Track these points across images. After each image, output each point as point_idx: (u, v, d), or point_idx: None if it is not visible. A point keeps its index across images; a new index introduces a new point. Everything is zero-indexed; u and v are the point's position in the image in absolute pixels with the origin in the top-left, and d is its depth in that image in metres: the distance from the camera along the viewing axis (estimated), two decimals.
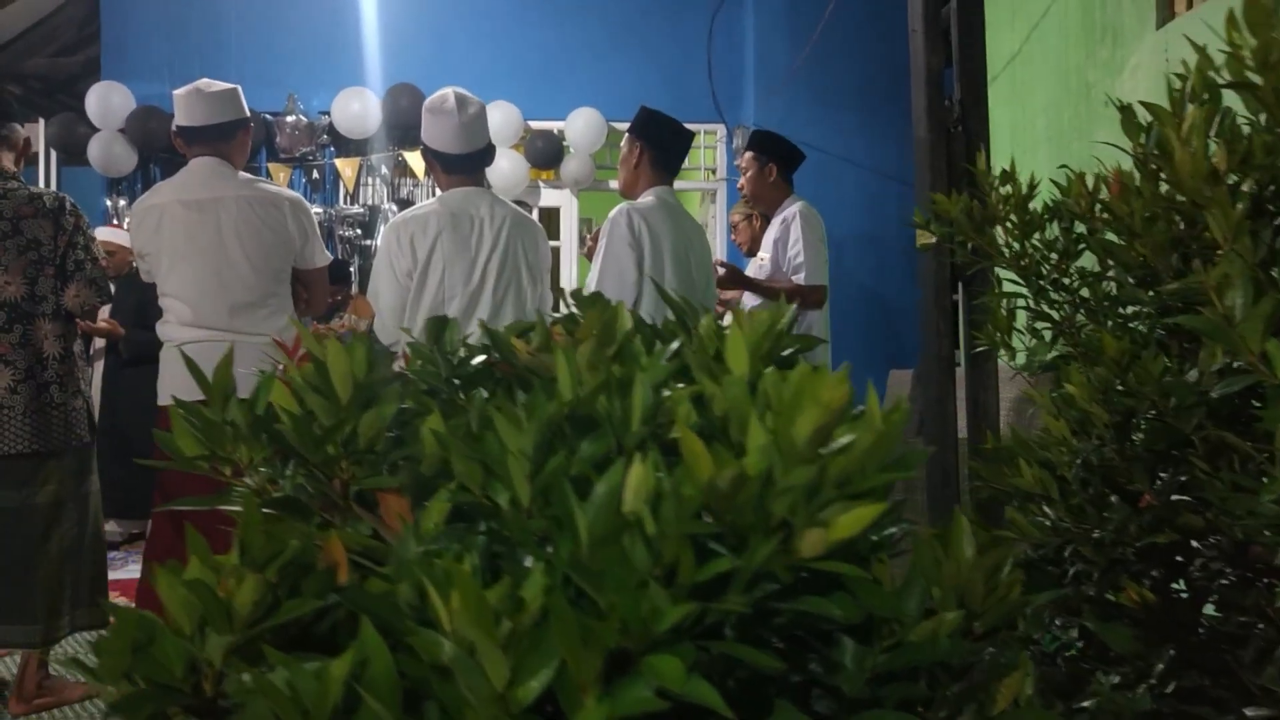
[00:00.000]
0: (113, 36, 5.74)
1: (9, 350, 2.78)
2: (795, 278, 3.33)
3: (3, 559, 2.82)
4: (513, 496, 0.55)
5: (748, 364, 0.60)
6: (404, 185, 5.95)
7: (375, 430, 0.63)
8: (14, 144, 2.91)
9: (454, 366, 0.83)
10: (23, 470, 2.81)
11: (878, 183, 5.73)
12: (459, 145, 2.62)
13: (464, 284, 2.57)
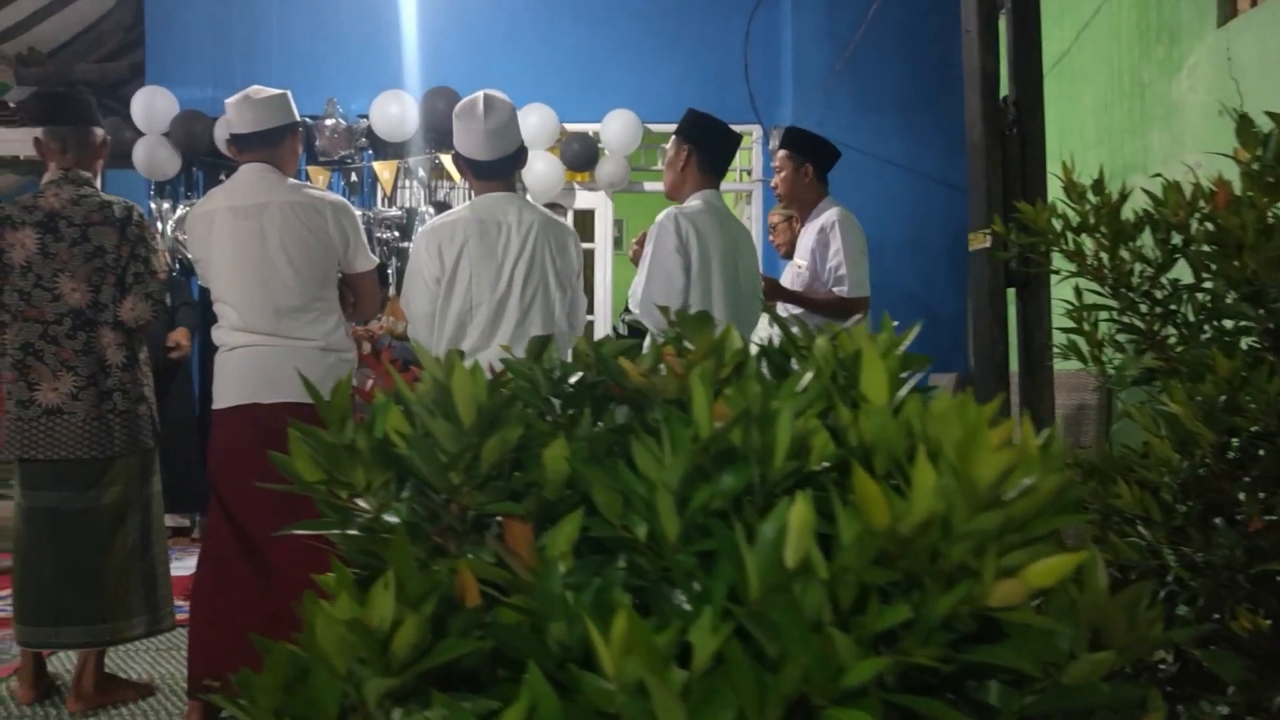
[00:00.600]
0: (157, 42, 5.81)
1: (72, 356, 2.81)
2: (837, 289, 3.26)
3: (67, 561, 2.85)
4: (652, 530, 0.54)
5: (887, 390, 0.58)
6: (441, 188, 5.98)
7: (499, 456, 0.61)
8: (91, 146, 2.94)
9: (555, 384, 0.81)
10: (88, 473, 2.85)
11: (920, 185, 5.68)
12: (486, 152, 2.62)
13: (490, 290, 2.57)
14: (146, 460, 2.97)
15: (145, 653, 3.48)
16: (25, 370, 2.82)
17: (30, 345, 2.82)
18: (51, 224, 2.82)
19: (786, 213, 4.64)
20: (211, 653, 2.72)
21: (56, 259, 2.82)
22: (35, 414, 2.81)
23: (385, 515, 0.66)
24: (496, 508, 0.61)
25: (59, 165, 2.92)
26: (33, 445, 2.82)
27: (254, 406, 2.68)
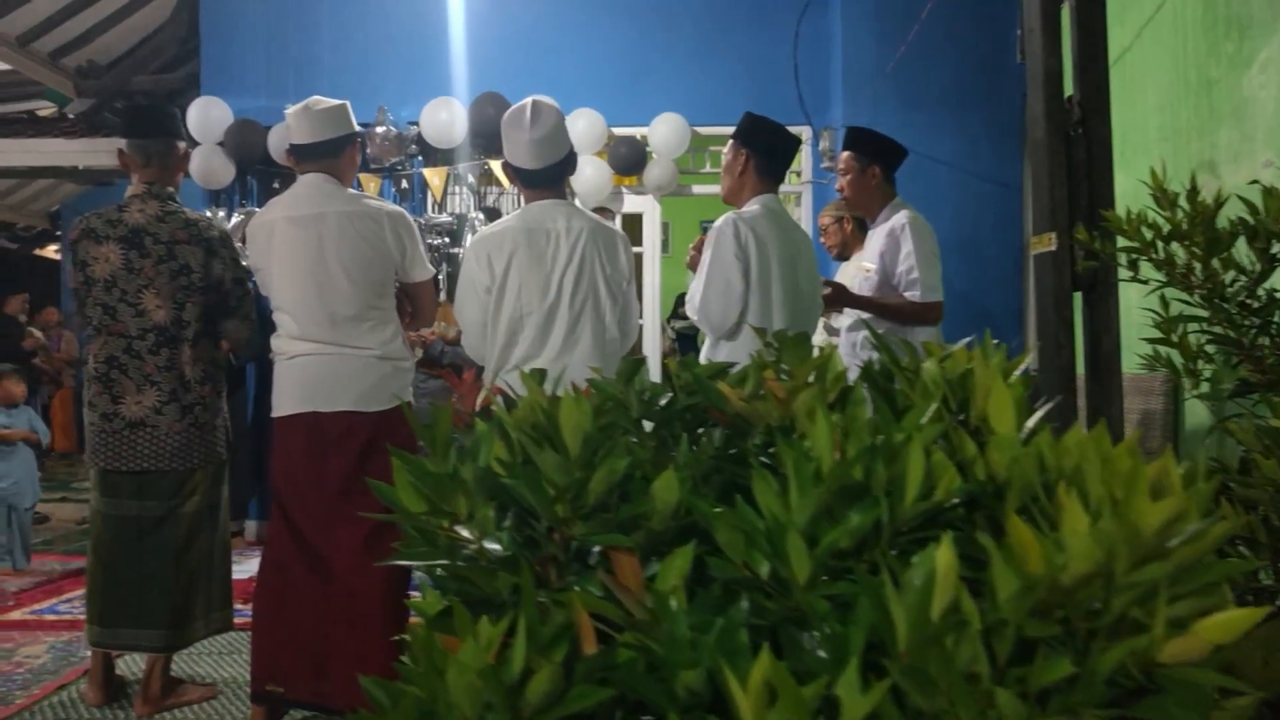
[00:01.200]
0: (212, 53, 5.90)
1: (155, 371, 2.87)
2: (909, 294, 3.18)
3: (144, 565, 2.91)
4: (774, 569, 0.52)
5: (1014, 419, 0.56)
6: (490, 193, 6.00)
7: (606, 487, 0.60)
8: (174, 161, 2.99)
9: (645, 406, 0.80)
10: (169, 485, 2.90)
11: (971, 184, 5.59)
12: (533, 160, 2.60)
13: (540, 299, 2.56)
14: (219, 470, 3.03)
15: (208, 655, 3.54)
16: (109, 383, 2.87)
17: (115, 359, 2.87)
18: (137, 240, 2.87)
19: (838, 214, 4.58)
20: (274, 657, 2.75)
21: (141, 275, 2.86)
22: (119, 426, 2.87)
23: (486, 543, 0.65)
24: (604, 540, 0.60)
25: (141, 179, 2.96)
26: (116, 457, 2.88)
27: (314, 415, 2.71)
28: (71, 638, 3.77)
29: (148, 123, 3.00)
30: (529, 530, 0.66)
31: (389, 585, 2.74)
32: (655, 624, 0.54)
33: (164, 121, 3.02)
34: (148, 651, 2.96)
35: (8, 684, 3.25)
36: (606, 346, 2.61)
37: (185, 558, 2.94)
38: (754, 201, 2.80)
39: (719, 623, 0.50)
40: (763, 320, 2.68)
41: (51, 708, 3.05)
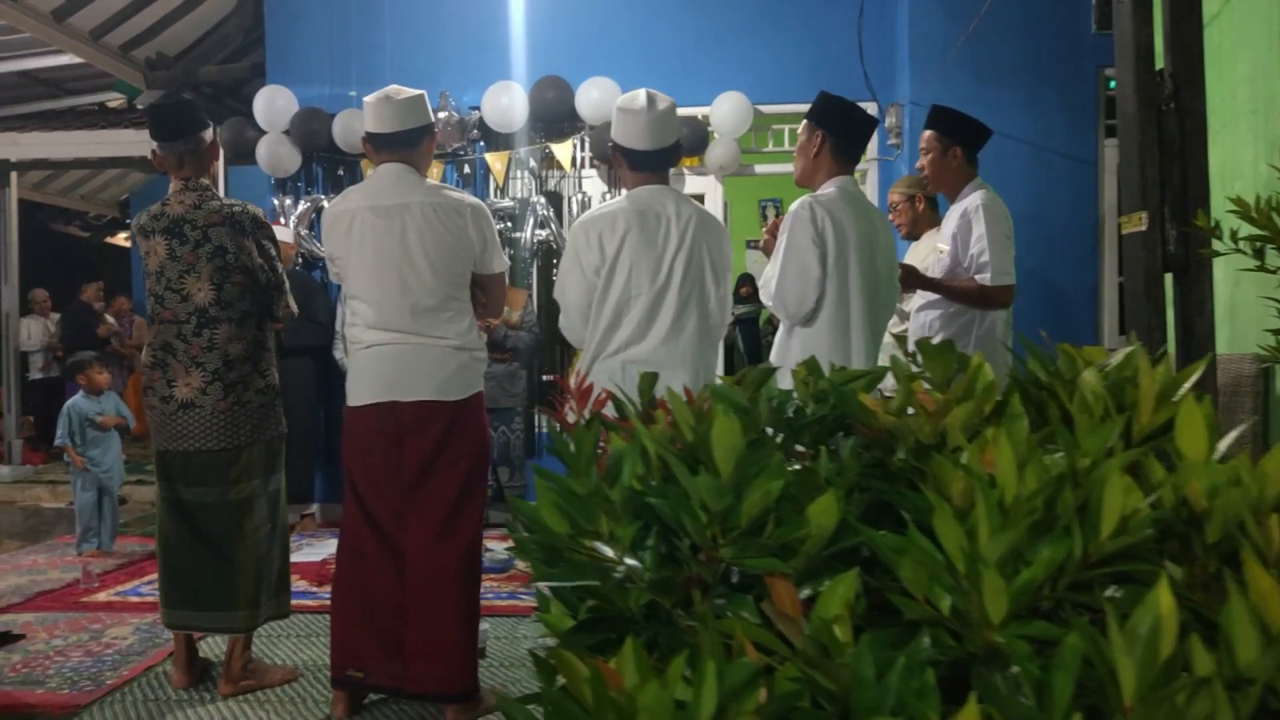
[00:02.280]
0: (277, 42, 5.97)
1: (199, 353, 2.93)
2: (979, 276, 3.11)
3: (205, 551, 2.98)
4: (954, 604, 0.49)
5: (1206, 443, 0.53)
6: (551, 177, 5.99)
7: (760, 510, 0.58)
8: (202, 152, 3.04)
9: (777, 416, 0.77)
10: (218, 467, 2.96)
11: (1043, 159, 5.44)
12: (647, 141, 2.61)
13: (650, 281, 2.56)
14: (272, 454, 3.07)
15: (288, 639, 3.61)
16: (165, 368, 2.95)
17: (168, 344, 2.95)
18: (178, 229, 2.94)
19: (909, 191, 4.48)
20: (353, 642, 2.80)
21: (182, 261, 2.93)
22: (174, 409, 2.94)
23: (629, 561, 0.64)
24: (759, 564, 0.58)
25: (179, 175, 3.02)
26: (172, 438, 2.96)
27: (392, 404, 2.73)
28: (155, 619, 3.84)
29: (171, 125, 3.03)
30: (671, 547, 0.64)
31: (462, 570, 2.77)
32: (821, 656, 0.51)
33: (185, 119, 3.04)
34: (215, 633, 3.05)
35: (98, 664, 3.35)
36: (711, 332, 2.62)
37: (241, 543, 2.99)
38: (830, 184, 2.74)
39: (900, 660, 0.48)
40: (840, 307, 2.63)
41: (140, 688, 3.13)
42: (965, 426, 0.62)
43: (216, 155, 3.13)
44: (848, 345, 2.64)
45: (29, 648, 3.54)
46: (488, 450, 2.89)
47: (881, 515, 0.70)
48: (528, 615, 3.80)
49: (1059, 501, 0.50)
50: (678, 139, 2.68)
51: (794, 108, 5.94)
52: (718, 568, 0.62)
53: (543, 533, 0.63)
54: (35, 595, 4.31)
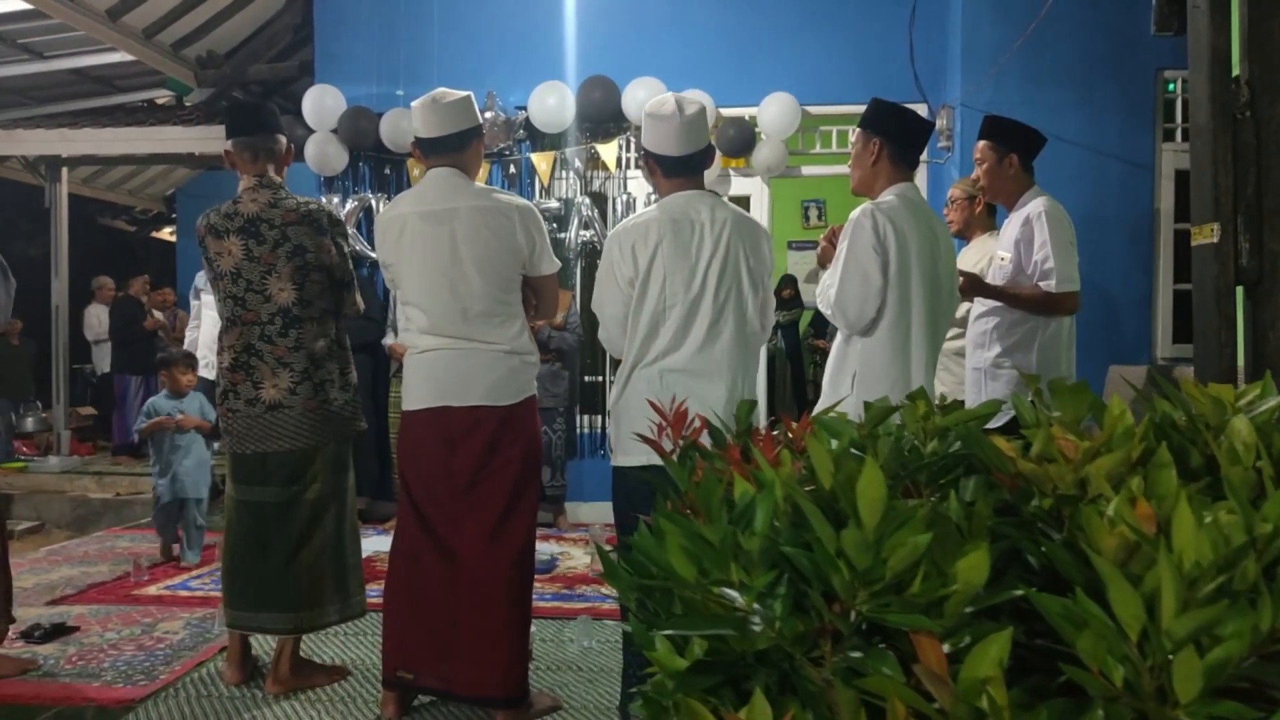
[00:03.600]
0: (325, 42, 6.01)
1: (286, 354, 2.93)
2: (1044, 284, 3.08)
3: (270, 551, 2.99)
4: (1127, 678, 0.47)
5: None
6: (596, 177, 5.98)
7: (906, 565, 0.55)
8: (278, 154, 3.05)
9: (897, 455, 0.75)
10: (294, 467, 2.97)
11: (1097, 163, 5.34)
12: (679, 146, 2.57)
13: (685, 290, 2.52)
14: (343, 454, 3.08)
15: (336, 637, 3.63)
16: (251, 370, 2.95)
17: (251, 346, 2.95)
18: (254, 229, 2.94)
19: (972, 192, 4.41)
20: (405, 644, 2.80)
21: (262, 261, 2.93)
22: (260, 410, 2.95)
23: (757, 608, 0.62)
24: (905, 621, 0.55)
25: (251, 173, 3.03)
26: (257, 440, 2.96)
27: (444, 409, 2.73)
28: (205, 614, 3.91)
29: (251, 120, 3.07)
30: (800, 594, 0.62)
31: (513, 571, 2.76)
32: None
33: (265, 118, 3.08)
34: (275, 634, 3.06)
35: (150, 659, 3.39)
36: (749, 340, 2.57)
37: (309, 543, 3.01)
38: (889, 191, 2.69)
39: None
40: (901, 316, 2.59)
41: (193, 684, 3.17)
42: (1110, 475, 0.60)
43: (288, 162, 3.12)
44: (907, 355, 2.60)
45: (83, 640, 3.59)
46: (539, 454, 2.88)
47: (1009, 563, 0.68)
48: (573, 618, 3.79)
49: (1240, 569, 0.47)
50: (709, 142, 2.65)
51: (843, 109, 5.89)
52: (852, 618, 0.60)
53: (669, 577, 0.62)
54: (87, 587, 4.37)
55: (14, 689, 3.08)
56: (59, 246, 8.01)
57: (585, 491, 5.99)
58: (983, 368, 3.27)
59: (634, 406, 2.55)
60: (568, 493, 5.87)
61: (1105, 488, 0.61)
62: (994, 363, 3.22)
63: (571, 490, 5.92)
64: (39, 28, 6.28)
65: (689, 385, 2.50)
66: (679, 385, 2.50)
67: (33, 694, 3.05)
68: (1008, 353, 3.20)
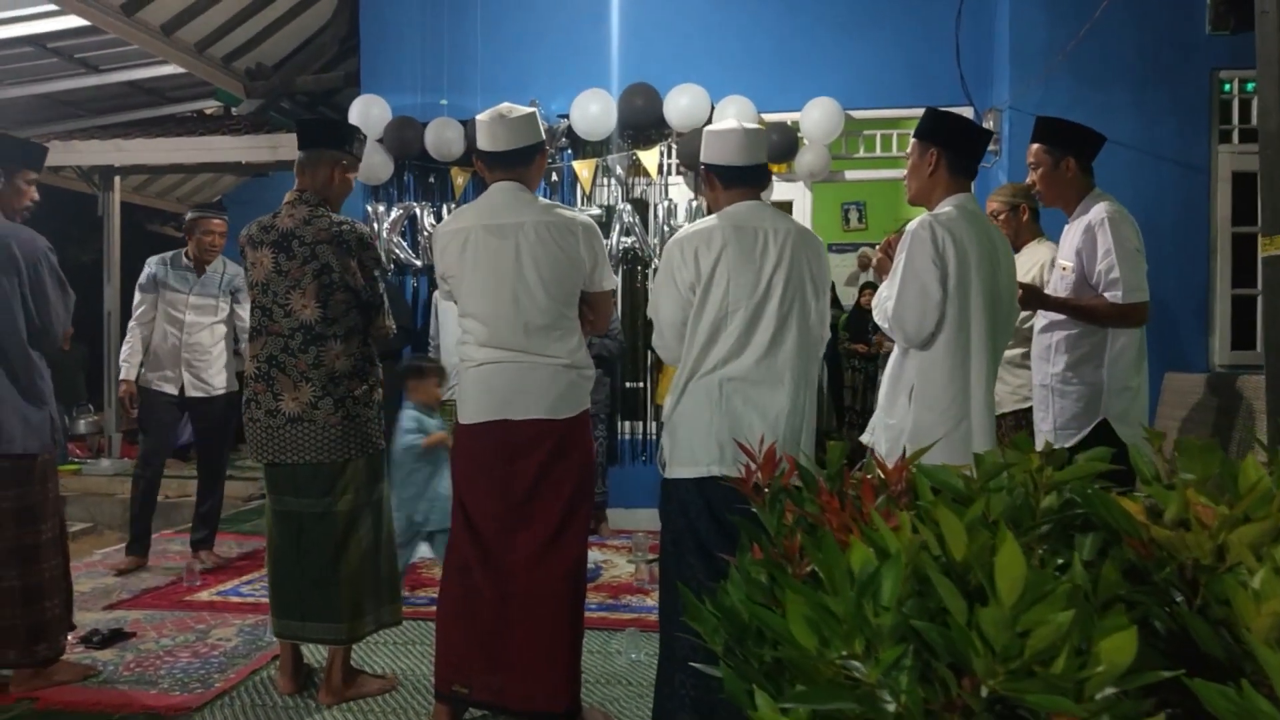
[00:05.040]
0: (371, 52, 6.06)
1: (306, 368, 2.96)
2: (1109, 295, 2.98)
3: (310, 561, 3.02)
4: None
5: None
6: (638, 184, 5.97)
7: (1046, 644, 0.54)
8: (320, 171, 3.07)
9: (1014, 511, 0.73)
10: (324, 478, 3.00)
11: (1151, 166, 5.23)
12: (741, 156, 2.58)
13: (748, 296, 2.51)
14: (374, 465, 3.10)
15: (386, 646, 3.65)
16: (271, 381, 2.99)
17: (274, 358, 2.98)
18: (285, 244, 2.97)
19: (1012, 200, 4.31)
20: (458, 657, 2.81)
21: (289, 276, 2.96)
22: (281, 422, 2.98)
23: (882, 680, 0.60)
24: (1047, 704, 0.53)
25: (297, 186, 3.07)
26: (280, 450, 2.99)
27: (503, 423, 2.73)
28: (257, 620, 3.96)
29: (302, 135, 3.12)
30: (927, 666, 0.60)
31: (565, 585, 2.76)
32: None
33: (314, 134, 3.10)
34: (321, 643, 3.08)
35: (205, 666, 3.43)
36: (811, 348, 2.56)
37: (345, 553, 3.03)
38: (947, 202, 2.65)
39: None
40: (960, 329, 2.55)
41: (247, 691, 3.20)
42: (1253, 545, 0.57)
43: (334, 180, 3.10)
44: (966, 370, 2.56)
45: (140, 646, 3.65)
46: (593, 468, 2.88)
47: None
48: (619, 629, 3.78)
49: None
50: (766, 160, 2.65)
51: (887, 113, 5.84)
52: (983, 694, 0.58)
53: (791, 647, 0.60)
54: (142, 593, 4.44)
55: (76, 695, 3.13)
56: (111, 253, 8.16)
57: (627, 498, 5.99)
58: (1049, 384, 3.16)
59: (690, 417, 2.53)
60: (610, 499, 5.87)
61: (1249, 558, 0.58)
62: (1062, 378, 3.10)
63: (613, 497, 5.92)
64: (95, 43, 6.41)
65: (749, 394, 2.48)
66: (739, 395, 2.48)
67: (93, 701, 3.10)
68: (1075, 367, 3.07)
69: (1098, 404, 3.04)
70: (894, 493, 0.85)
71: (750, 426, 2.46)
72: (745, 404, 2.48)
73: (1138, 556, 0.63)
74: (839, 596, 0.58)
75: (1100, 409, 3.04)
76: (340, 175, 3.10)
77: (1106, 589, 0.62)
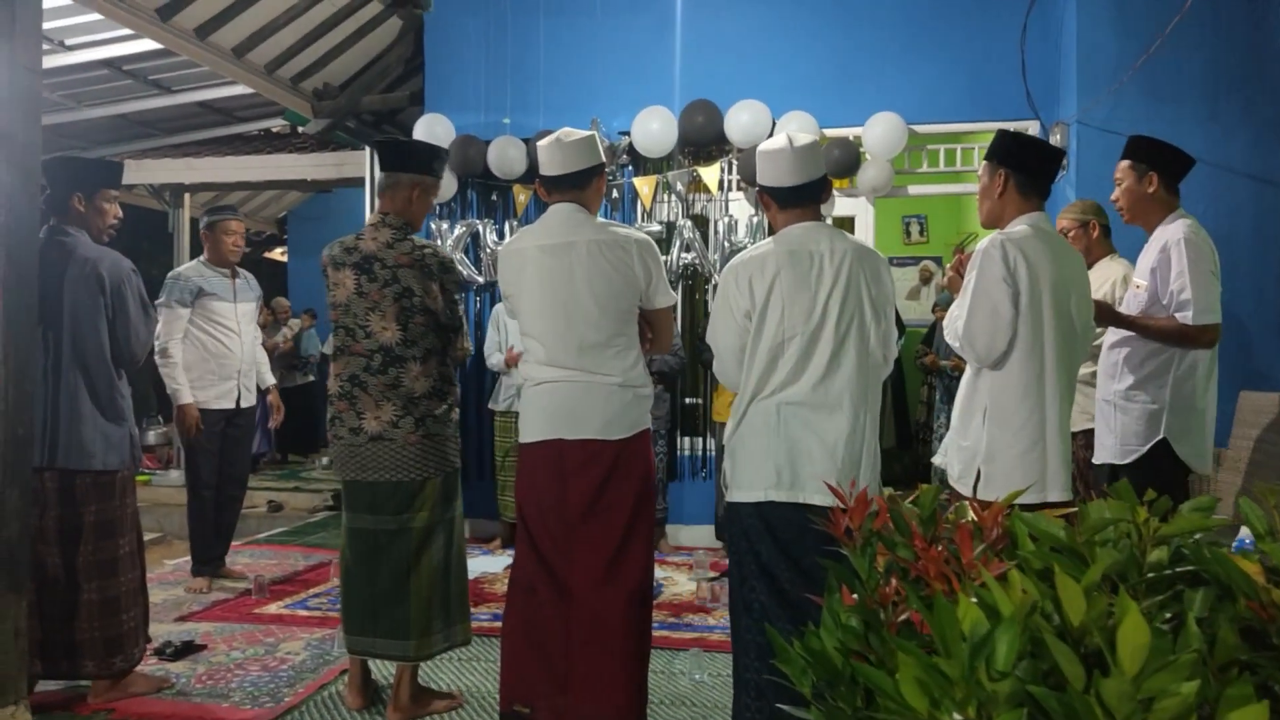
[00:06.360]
0: (436, 72, 6.16)
1: (385, 389, 3.01)
2: (1180, 315, 2.94)
3: (383, 578, 3.06)
4: None
5: None
6: (698, 200, 5.98)
7: (1171, 716, 0.52)
8: (400, 194, 3.12)
9: (1122, 565, 0.71)
10: (402, 496, 3.04)
11: (1223, 180, 5.10)
12: (793, 176, 2.53)
13: (804, 322, 2.47)
14: (450, 484, 3.14)
15: (451, 663, 3.69)
16: (354, 400, 3.04)
17: (356, 377, 3.04)
18: (367, 266, 3.03)
19: (1082, 217, 4.24)
20: (522, 677, 2.82)
21: (369, 298, 3.02)
22: (363, 440, 3.03)
23: None
24: None
25: (380, 208, 3.13)
26: (362, 468, 3.04)
27: (557, 442, 2.75)
28: (324, 635, 4.02)
29: (384, 157, 3.17)
30: None
31: (629, 608, 2.76)
32: None
33: (392, 155, 3.15)
34: (391, 660, 3.12)
35: (275, 680, 3.50)
36: (871, 371, 2.51)
37: (418, 571, 3.06)
38: (1020, 221, 2.61)
39: None
40: (1033, 349, 2.51)
41: (316, 707, 3.25)
42: None
43: (414, 201, 3.14)
44: (1041, 390, 2.52)
45: (211, 659, 3.73)
46: (654, 488, 2.87)
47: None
48: (682, 649, 3.77)
49: None
50: (824, 173, 2.60)
51: (951, 127, 5.78)
52: None
53: (899, 706, 0.59)
54: (212, 605, 4.54)
55: (151, 707, 3.21)
56: None
57: (686, 514, 5.98)
58: (1112, 400, 3.13)
59: (750, 440, 2.52)
60: (669, 515, 5.86)
61: None
62: (1125, 395, 3.08)
63: (673, 513, 5.91)
64: (168, 64, 6.61)
65: (807, 419, 2.45)
66: (797, 419, 2.46)
67: (168, 713, 3.17)
68: (1140, 385, 3.06)
69: (1159, 422, 3.03)
70: (991, 539, 0.84)
71: (808, 452, 2.44)
72: (803, 428, 2.45)
73: (1256, 618, 0.61)
74: (952, 659, 0.57)
75: (1161, 427, 3.02)
76: (421, 197, 3.16)
77: (1225, 653, 0.61)
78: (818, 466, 2.42)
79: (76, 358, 3.15)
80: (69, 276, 3.14)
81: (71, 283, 3.14)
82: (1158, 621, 0.68)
